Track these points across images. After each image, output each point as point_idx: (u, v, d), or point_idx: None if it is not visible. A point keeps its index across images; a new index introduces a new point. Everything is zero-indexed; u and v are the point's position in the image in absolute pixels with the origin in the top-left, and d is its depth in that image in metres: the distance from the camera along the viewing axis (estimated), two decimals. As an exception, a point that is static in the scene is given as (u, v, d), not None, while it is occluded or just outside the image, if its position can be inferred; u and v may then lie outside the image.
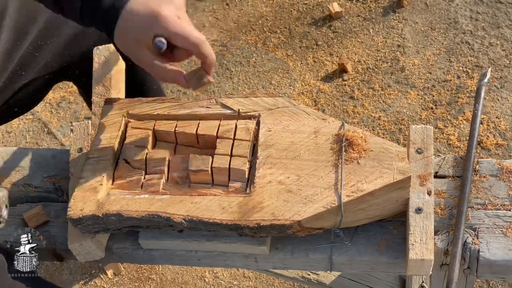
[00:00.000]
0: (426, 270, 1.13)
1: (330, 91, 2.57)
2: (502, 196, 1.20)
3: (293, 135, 1.19)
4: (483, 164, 1.24)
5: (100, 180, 1.18)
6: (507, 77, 2.50)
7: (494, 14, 2.68)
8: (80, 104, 2.70)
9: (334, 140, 1.17)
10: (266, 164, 1.16)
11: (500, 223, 1.17)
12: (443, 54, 2.60)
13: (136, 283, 2.27)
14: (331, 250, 1.18)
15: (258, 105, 1.24)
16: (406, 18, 2.73)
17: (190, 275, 2.26)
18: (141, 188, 1.18)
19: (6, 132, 2.69)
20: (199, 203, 1.13)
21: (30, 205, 1.33)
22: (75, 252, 1.23)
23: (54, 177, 1.37)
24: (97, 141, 1.24)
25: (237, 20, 2.86)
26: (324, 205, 1.10)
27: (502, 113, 2.41)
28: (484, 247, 1.14)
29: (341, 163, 1.14)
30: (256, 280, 2.22)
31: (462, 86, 2.50)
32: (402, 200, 1.15)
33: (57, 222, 1.30)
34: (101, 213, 1.13)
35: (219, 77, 2.69)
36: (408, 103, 2.49)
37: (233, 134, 1.20)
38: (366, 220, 1.18)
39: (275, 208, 1.10)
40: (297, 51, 2.71)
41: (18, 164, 1.40)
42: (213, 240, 1.19)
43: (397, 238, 1.18)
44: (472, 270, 1.17)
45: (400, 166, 1.12)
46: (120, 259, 1.30)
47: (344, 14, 2.77)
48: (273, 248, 1.20)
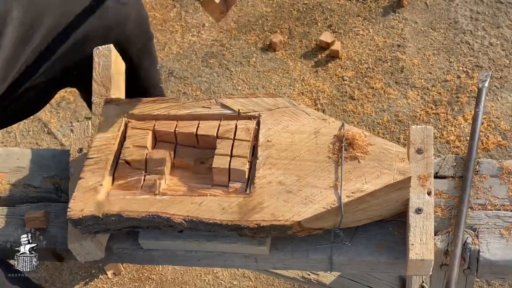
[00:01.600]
0: (426, 270, 1.13)
1: (330, 91, 2.57)
2: (502, 196, 1.20)
3: (293, 135, 1.19)
4: (483, 165, 1.24)
5: (100, 181, 1.18)
6: (507, 77, 2.50)
7: (494, 14, 2.67)
8: (80, 104, 2.70)
9: (334, 140, 1.17)
10: (266, 164, 1.16)
11: (500, 223, 1.17)
12: (443, 54, 2.60)
13: (136, 283, 2.27)
14: (331, 250, 1.18)
15: (258, 106, 1.24)
16: (406, 18, 2.73)
17: (190, 275, 2.26)
18: (141, 189, 1.17)
19: (6, 132, 2.69)
20: (199, 203, 1.13)
21: (29, 205, 1.33)
22: (75, 252, 1.23)
23: (54, 178, 1.37)
24: (97, 141, 1.24)
25: (237, 20, 2.85)
26: (324, 205, 1.10)
27: (502, 113, 2.41)
28: (484, 248, 1.14)
29: (341, 164, 1.14)
30: (256, 280, 2.22)
31: (462, 86, 2.50)
32: (402, 200, 1.15)
33: (57, 222, 1.29)
34: (101, 213, 1.13)
35: (219, 77, 2.69)
36: (408, 103, 2.49)
37: (233, 134, 1.20)
38: (366, 220, 1.18)
39: (275, 209, 1.10)
40: (297, 51, 2.71)
41: (18, 165, 1.40)
42: (213, 241, 1.19)
43: (397, 239, 1.18)
44: (472, 270, 1.17)
45: (400, 167, 1.12)
46: (120, 259, 1.30)
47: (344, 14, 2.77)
48: (273, 249, 1.20)
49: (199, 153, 1.23)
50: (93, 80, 1.38)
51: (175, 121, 1.24)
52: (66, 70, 1.56)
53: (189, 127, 1.23)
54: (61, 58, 1.54)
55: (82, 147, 1.31)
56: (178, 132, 1.23)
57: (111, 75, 1.38)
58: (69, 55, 1.54)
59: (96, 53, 1.40)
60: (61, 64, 1.54)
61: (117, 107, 1.28)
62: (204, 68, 2.71)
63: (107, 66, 1.39)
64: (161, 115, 1.26)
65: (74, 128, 1.34)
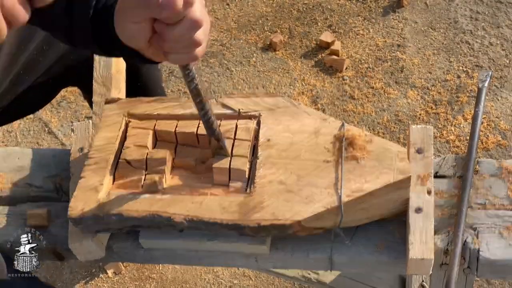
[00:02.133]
0: (426, 270, 1.13)
1: (330, 91, 2.57)
2: (502, 196, 1.20)
3: (293, 135, 1.19)
4: (483, 164, 1.24)
5: (101, 180, 1.18)
6: (507, 77, 2.50)
7: (494, 14, 2.68)
8: (81, 104, 2.70)
9: (334, 140, 1.17)
10: (266, 164, 1.16)
11: (500, 222, 1.17)
12: (443, 54, 2.60)
13: (136, 282, 2.27)
14: (331, 249, 1.18)
15: (259, 105, 1.24)
16: (406, 18, 2.73)
17: (190, 274, 2.26)
18: (141, 188, 1.18)
19: (6, 132, 2.69)
20: (199, 203, 1.13)
21: (30, 205, 1.33)
22: (76, 251, 1.23)
23: (55, 177, 1.37)
24: (98, 141, 1.24)
25: (237, 20, 2.86)
26: (325, 205, 1.10)
27: (502, 113, 2.42)
28: (484, 247, 1.14)
29: (341, 163, 1.14)
30: (256, 279, 2.22)
31: (462, 86, 2.50)
32: (402, 200, 1.16)
33: (58, 221, 1.30)
34: (102, 213, 1.14)
35: (220, 77, 2.69)
36: (408, 103, 2.50)
37: (234, 134, 1.21)
38: (366, 220, 1.18)
39: (275, 208, 1.10)
40: (297, 51, 2.71)
41: (19, 164, 1.40)
42: (214, 240, 1.19)
43: (397, 238, 1.18)
44: (472, 269, 1.17)
45: (400, 166, 1.12)
46: (120, 259, 1.30)
47: (344, 14, 2.77)
48: (274, 248, 1.20)
49: (200, 152, 1.23)
50: (94, 79, 1.38)
51: (175, 121, 1.24)
52: (67, 69, 1.56)
53: (189, 126, 1.23)
54: (63, 57, 1.54)
55: (82, 147, 1.31)
56: (178, 131, 1.23)
57: (112, 75, 1.38)
58: (71, 54, 1.55)
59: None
60: (62, 63, 1.54)
61: (117, 107, 1.28)
62: (204, 67, 2.72)
63: (108, 65, 1.40)
64: (162, 114, 1.26)
65: (75, 127, 1.34)
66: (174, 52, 0.93)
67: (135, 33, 0.90)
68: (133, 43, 0.93)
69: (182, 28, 0.89)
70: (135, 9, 0.88)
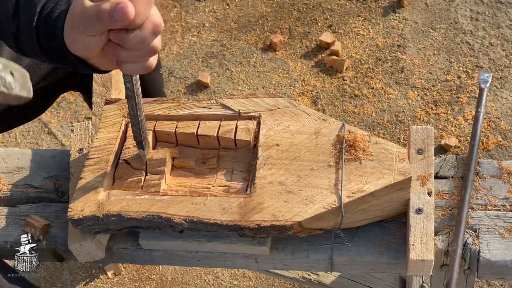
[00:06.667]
0: (426, 271, 1.13)
1: (330, 91, 2.57)
2: (502, 196, 1.20)
3: (293, 135, 1.19)
4: (484, 165, 1.24)
5: (101, 181, 1.18)
6: (507, 77, 2.50)
7: (494, 14, 2.67)
8: (80, 104, 2.70)
9: (335, 140, 1.17)
10: (266, 164, 1.16)
11: (500, 223, 1.17)
12: (443, 54, 2.60)
13: (136, 283, 2.27)
14: (332, 250, 1.18)
15: (259, 106, 1.24)
16: (406, 18, 2.73)
17: (190, 275, 2.26)
18: (141, 189, 1.17)
19: (6, 132, 2.69)
20: (199, 203, 1.13)
21: (30, 205, 1.33)
22: (76, 252, 1.23)
23: (55, 178, 1.37)
24: (98, 141, 1.24)
25: (237, 20, 2.85)
26: (325, 205, 1.10)
27: (502, 113, 2.41)
28: (485, 248, 1.14)
29: (341, 164, 1.14)
30: (256, 280, 2.22)
31: (462, 86, 2.50)
32: (402, 200, 1.15)
33: (58, 222, 1.29)
34: (102, 213, 1.13)
35: (220, 77, 2.69)
36: (408, 103, 2.49)
37: (234, 134, 1.20)
38: (367, 220, 1.18)
39: (275, 209, 1.10)
40: (297, 51, 2.71)
41: (19, 165, 1.40)
42: (214, 241, 1.19)
43: (397, 239, 1.18)
44: (473, 270, 1.17)
45: (400, 167, 1.12)
46: (120, 260, 1.30)
47: (344, 14, 2.77)
48: (274, 249, 1.20)
49: (200, 153, 1.23)
50: (94, 80, 1.38)
51: (175, 122, 1.24)
52: (68, 74, 1.56)
53: (189, 127, 1.23)
54: None
55: (82, 147, 1.31)
56: (178, 132, 1.23)
57: (111, 75, 1.38)
58: None
59: (96, 53, 1.40)
60: (62, 68, 1.54)
61: (117, 107, 1.28)
62: (204, 68, 2.71)
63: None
64: (162, 115, 1.26)
65: (75, 128, 1.34)
66: (130, 62, 0.89)
67: (90, 45, 0.87)
68: (85, 54, 0.90)
69: (143, 32, 0.86)
70: (88, 23, 0.85)
